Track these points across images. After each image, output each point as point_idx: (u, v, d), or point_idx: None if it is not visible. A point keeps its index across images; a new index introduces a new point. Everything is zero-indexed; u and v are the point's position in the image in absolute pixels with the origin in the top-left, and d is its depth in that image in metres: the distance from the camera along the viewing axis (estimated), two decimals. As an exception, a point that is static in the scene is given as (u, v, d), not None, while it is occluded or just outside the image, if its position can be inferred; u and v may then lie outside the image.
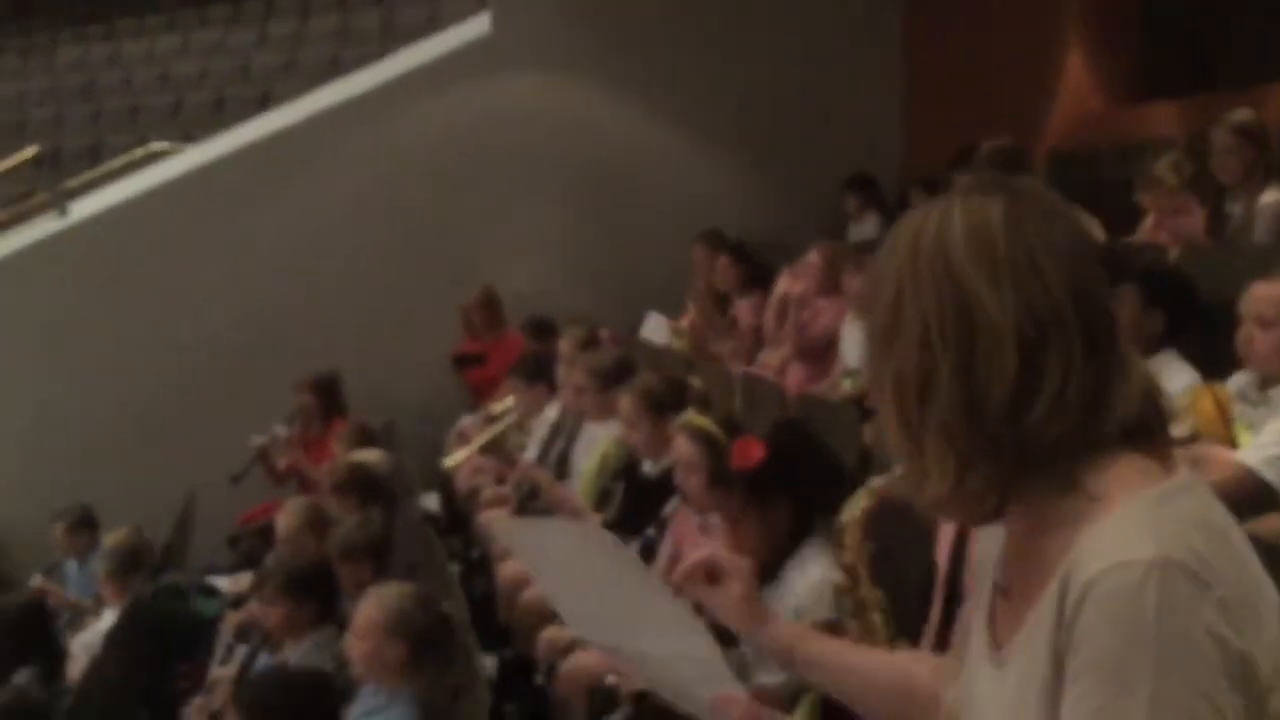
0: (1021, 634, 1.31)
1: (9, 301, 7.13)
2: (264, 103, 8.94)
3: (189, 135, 8.37)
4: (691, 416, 3.80)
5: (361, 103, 7.73)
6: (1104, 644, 1.20)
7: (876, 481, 2.17)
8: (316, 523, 4.75)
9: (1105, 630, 1.20)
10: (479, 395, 7.38)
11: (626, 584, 1.51)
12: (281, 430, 6.72)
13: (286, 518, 4.85)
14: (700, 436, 3.80)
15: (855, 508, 2.14)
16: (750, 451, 3.22)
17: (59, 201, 7.44)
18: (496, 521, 4.83)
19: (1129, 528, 1.23)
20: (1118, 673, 1.20)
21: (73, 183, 7.85)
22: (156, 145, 8.21)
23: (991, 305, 1.25)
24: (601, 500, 4.72)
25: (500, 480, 6.00)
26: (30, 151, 7.94)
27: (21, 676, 4.90)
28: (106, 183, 7.85)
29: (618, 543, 1.56)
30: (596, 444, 5.04)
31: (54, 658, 5.21)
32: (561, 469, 5.34)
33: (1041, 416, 1.25)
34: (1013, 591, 1.37)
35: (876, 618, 2.14)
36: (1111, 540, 1.23)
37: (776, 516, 3.19)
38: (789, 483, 3.19)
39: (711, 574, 1.60)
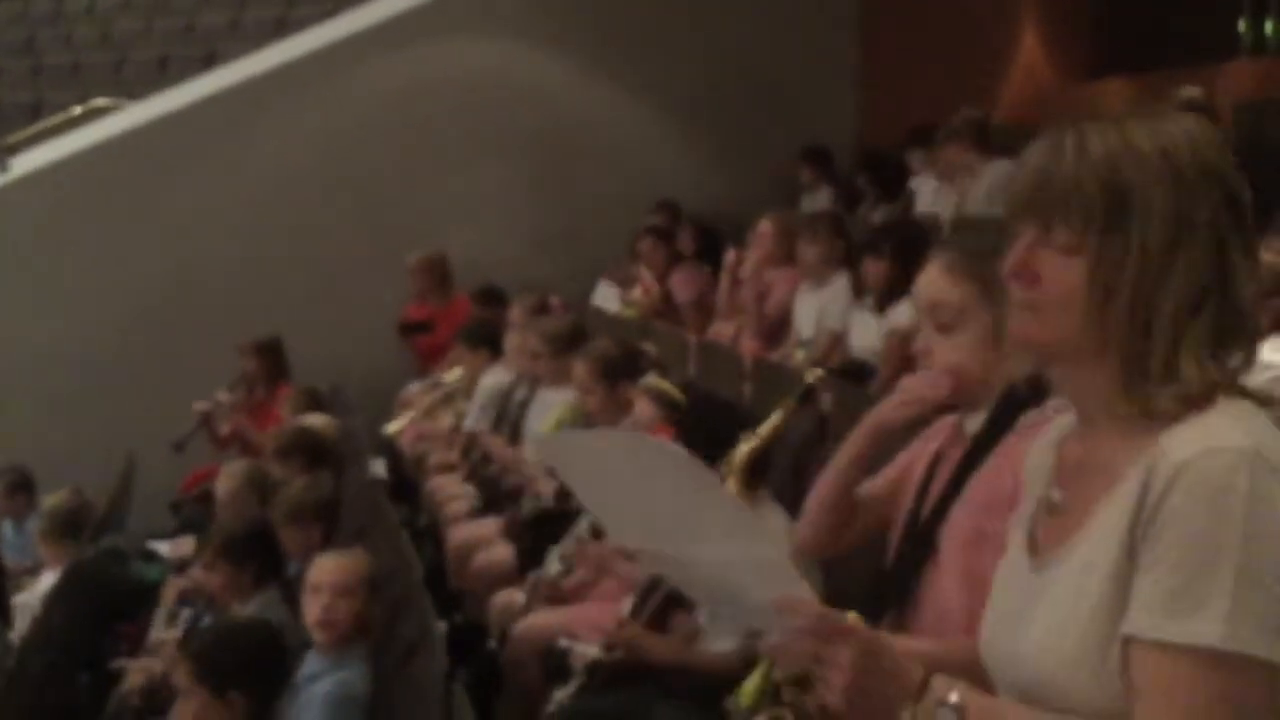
0: (1081, 535, 1.34)
1: (-55, 257, 6.97)
2: (209, 62, 8.76)
3: (132, 94, 8.19)
4: (653, 379, 3.79)
5: (308, 63, 7.62)
6: (1193, 525, 1.24)
7: (763, 429, 2.37)
8: (256, 484, 4.68)
9: (1195, 511, 1.24)
10: (427, 361, 7.31)
11: (682, 490, 1.46)
12: (224, 396, 6.63)
13: (226, 481, 4.78)
14: (662, 399, 3.80)
15: (739, 455, 2.38)
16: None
17: (0, 157, 7.26)
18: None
19: (1222, 420, 1.28)
20: (1203, 551, 1.23)
21: (13, 138, 7.66)
22: (99, 102, 8.03)
23: (1246, 207, 1.33)
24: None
25: (448, 446, 5.97)
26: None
27: (-19, 633, 4.81)
28: (48, 138, 7.67)
29: (675, 448, 1.52)
30: (552, 410, 5.01)
31: (5, 617, 5.11)
32: (515, 435, 5.31)
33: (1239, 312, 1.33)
34: (1066, 504, 1.40)
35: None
36: (1204, 430, 1.27)
37: None
38: (710, 452, 3.18)
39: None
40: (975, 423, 2.16)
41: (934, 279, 2.18)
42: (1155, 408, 1.31)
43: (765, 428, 2.19)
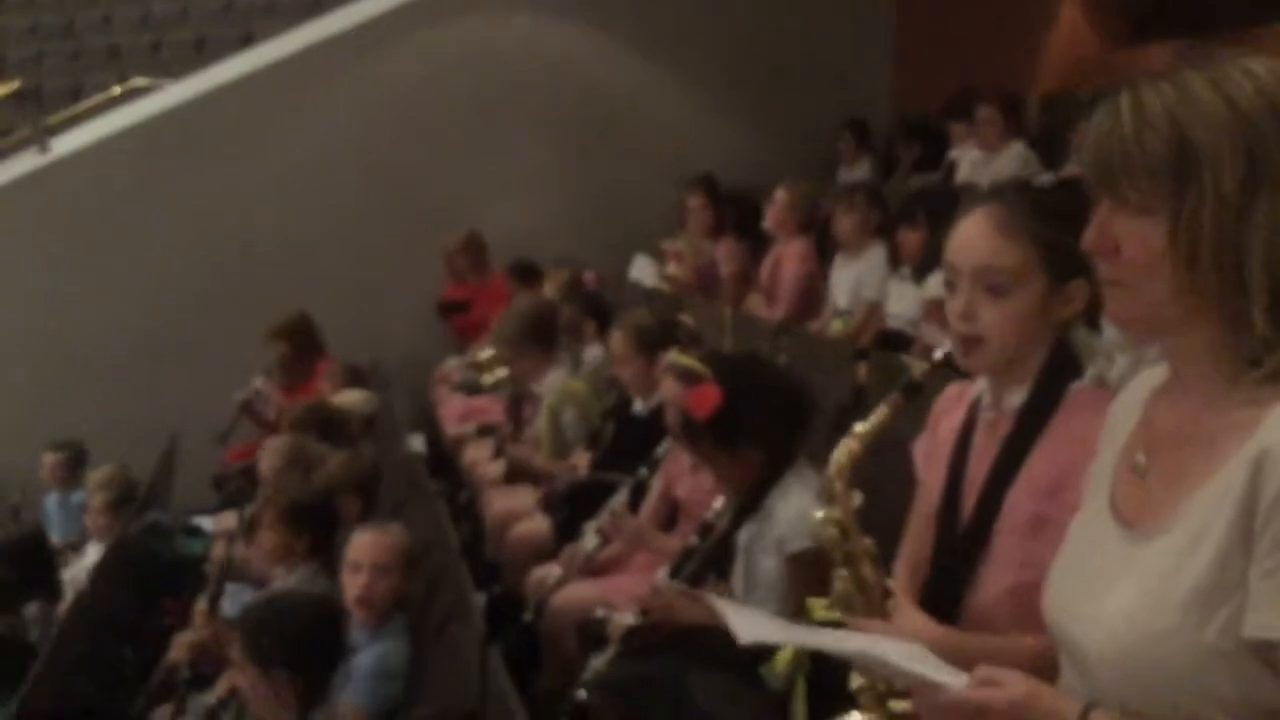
0: (1184, 510, 1.31)
1: (-12, 236, 7.05)
2: (246, 42, 8.80)
3: (170, 75, 8.24)
4: (676, 355, 3.78)
5: (344, 40, 7.63)
6: None
7: (860, 427, 2.07)
8: (299, 460, 4.71)
9: None
10: (465, 338, 7.33)
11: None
12: (260, 382, 6.66)
13: (269, 457, 4.81)
14: (686, 375, 3.77)
15: (840, 457, 2.05)
16: (706, 401, 3.17)
17: (40, 138, 7.33)
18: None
19: None
20: None
21: (54, 119, 7.73)
22: (138, 81, 8.08)
23: None
24: (592, 439, 4.70)
25: (484, 431, 5.95)
26: (12, 85, 7.81)
27: (31, 611, 4.88)
28: (87, 119, 7.73)
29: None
30: (544, 400, 5.08)
31: (55, 589, 5.19)
32: (518, 425, 5.34)
33: None
34: (1155, 470, 1.38)
35: (868, 568, 2.06)
36: None
37: (747, 454, 3.17)
38: (752, 422, 3.15)
39: None
40: (1017, 396, 2.03)
41: (986, 237, 2.00)
42: (1272, 369, 1.28)
43: (866, 426, 2.02)
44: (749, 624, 1.67)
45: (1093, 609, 1.38)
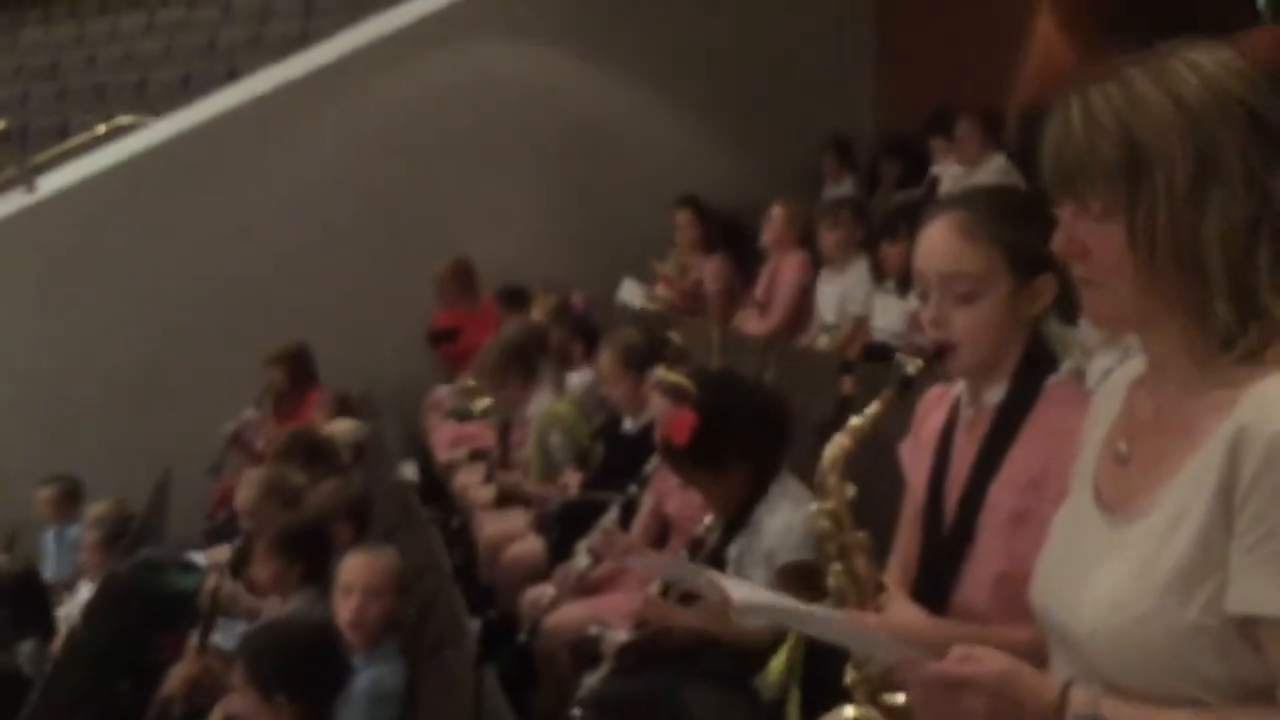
0: (1164, 492, 1.33)
1: (-22, 277, 7.06)
2: (231, 78, 8.82)
3: (156, 113, 8.28)
4: (663, 373, 3.79)
5: (329, 73, 7.67)
6: None
7: (855, 421, 2.05)
8: (277, 491, 4.69)
9: None
10: (455, 367, 7.34)
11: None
12: (251, 414, 6.67)
13: (245, 490, 4.79)
14: (673, 392, 3.79)
15: (834, 451, 2.04)
16: (682, 426, 3.19)
17: (27, 177, 7.35)
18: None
19: None
20: None
21: (40, 158, 7.75)
22: (123, 119, 8.11)
23: (1271, 113, 1.31)
24: (582, 459, 4.71)
25: (476, 456, 5.95)
26: (-2, 124, 7.85)
27: (26, 648, 4.86)
28: (74, 157, 7.76)
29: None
30: (530, 426, 5.09)
31: (49, 627, 5.17)
32: (505, 451, 5.36)
33: None
34: (1136, 456, 1.40)
35: (860, 561, 2.06)
36: None
37: (731, 473, 3.19)
38: (732, 441, 3.17)
39: None
40: (995, 394, 2.06)
41: (949, 244, 2.03)
42: (1244, 351, 1.30)
43: (859, 421, 2.00)
44: (743, 590, 1.73)
45: (1078, 594, 1.39)
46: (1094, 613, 1.36)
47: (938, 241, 2.05)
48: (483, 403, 5.94)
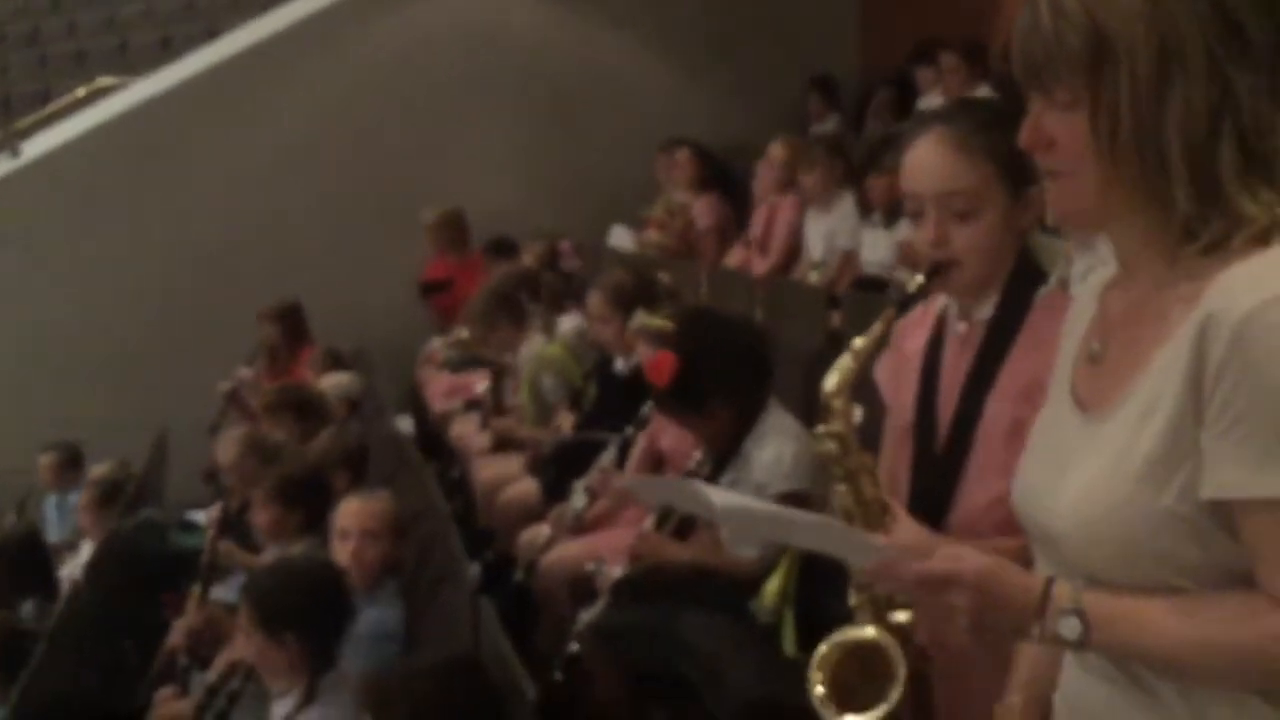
0: (1135, 385, 1.34)
1: (-35, 244, 7.04)
2: (211, 38, 8.76)
3: (137, 75, 8.22)
4: (642, 319, 3.79)
5: (312, 25, 7.62)
6: (1269, 380, 1.23)
7: (858, 342, 1.98)
8: (256, 449, 4.70)
9: (1270, 365, 1.23)
10: (447, 318, 7.34)
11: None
12: (245, 371, 6.68)
13: (225, 448, 4.80)
14: (654, 336, 3.79)
15: (839, 373, 1.98)
16: (662, 369, 3.19)
17: (10, 142, 7.32)
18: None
19: (1273, 265, 1.26)
20: None
21: (22, 123, 7.72)
22: (104, 81, 8.06)
23: (1252, 26, 1.29)
24: (575, 399, 4.73)
25: (471, 406, 5.97)
26: (-23, 91, 7.80)
27: (27, 609, 4.89)
28: (57, 121, 7.72)
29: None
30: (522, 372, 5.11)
31: (51, 589, 5.20)
32: (498, 398, 5.37)
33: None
34: (1109, 354, 1.41)
35: (867, 483, 1.99)
36: (1257, 278, 1.25)
37: (716, 408, 3.20)
38: (714, 377, 3.17)
39: None
40: (986, 308, 2.06)
41: (944, 162, 1.99)
42: (1208, 242, 1.30)
43: (862, 342, 1.94)
44: (728, 499, 1.72)
45: (1056, 492, 1.40)
46: (1070, 505, 1.37)
47: (930, 160, 2.01)
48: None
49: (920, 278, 2.01)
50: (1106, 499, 1.33)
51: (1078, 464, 1.38)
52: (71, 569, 5.46)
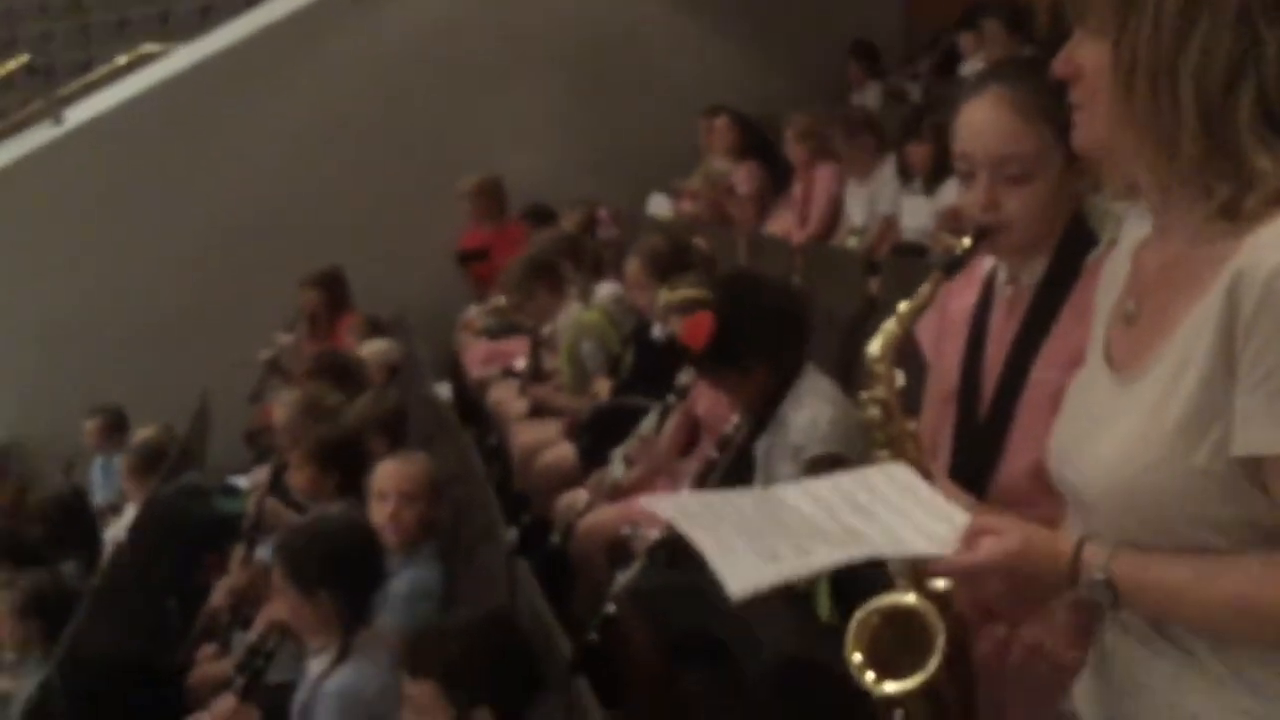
0: (1168, 345, 1.32)
1: (11, 211, 7.12)
2: (251, 6, 8.80)
3: (178, 43, 8.28)
4: (666, 294, 3.78)
5: (349, -6, 7.64)
6: None
7: (903, 307, 1.96)
8: (313, 409, 4.74)
9: None
10: (484, 286, 7.35)
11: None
12: (285, 339, 6.73)
13: (282, 409, 4.84)
14: (685, 307, 3.77)
15: (883, 338, 1.95)
16: (699, 330, 3.16)
17: (53, 109, 7.39)
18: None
19: None
20: None
21: (65, 90, 7.78)
22: (147, 47, 8.12)
23: None
24: (613, 365, 4.73)
25: (508, 372, 5.99)
26: (23, 59, 7.86)
27: (69, 568, 4.96)
28: (99, 88, 7.78)
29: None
30: (559, 336, 5.10)
31: (95, 549, 5.27)
32: (537, 364, 5.38)
33: None
34: (1143, 315, 1.39)
35: (911, 448, 1.97)
36: None
37: (755, 371, 3.18)
38: (752, 338, 3.15)
39: None
40: (1034, 272, 2.01)
41: (1002, 123, 1.93)
42: (1223, 201, 1.28)
43: (908, 305, 1.92)
44: (740, 570, 1.60)
45: (1088, 450, 1.40)
46: (1104, 466, 1.36)
47: (987, 121, 1.95)
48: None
49: (967, 240, 1.97)
50: (1139, 458, 1.32)
51: (1110, 425, 1.37)
52: (115, 531, 5.53)
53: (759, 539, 1.57)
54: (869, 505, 1.57)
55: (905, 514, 1.56)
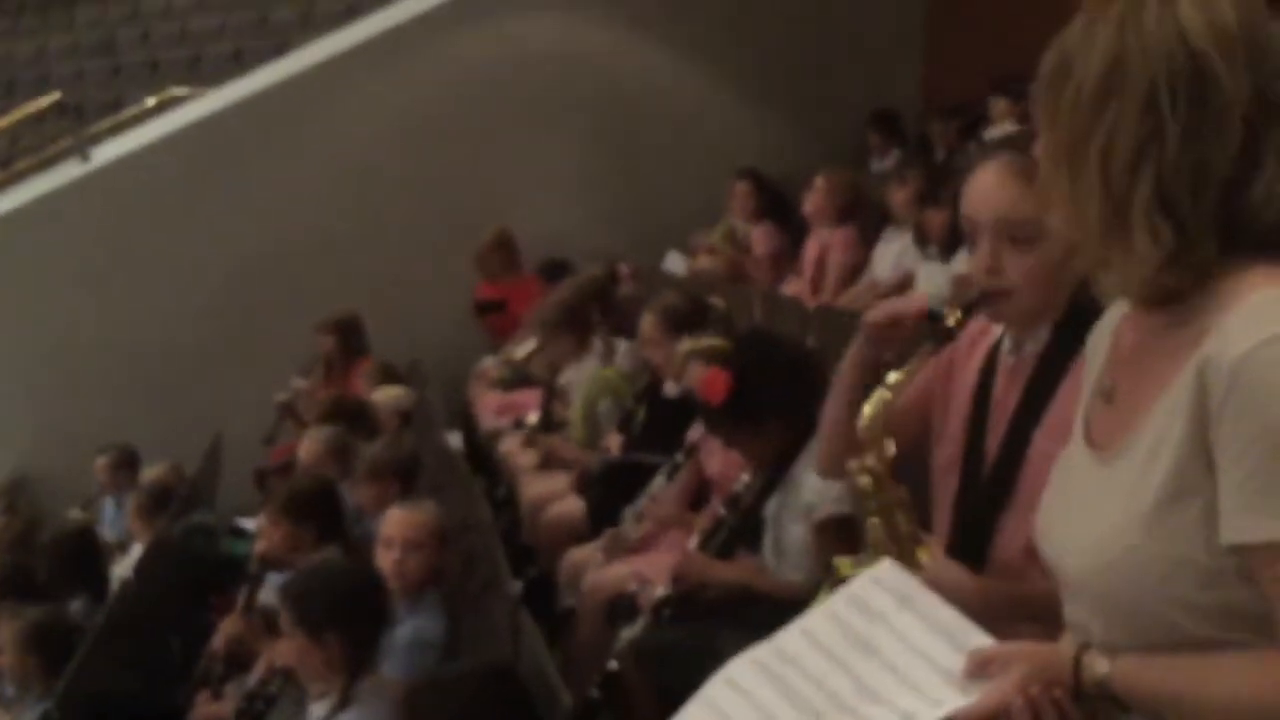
0: (1144, 428, 1.33)
1: (34, 246, 7.19)
2: (280, 53, 8.91)
3: (207, 87, 8.38)
4: (693, 343, 3.80)
5: (377, 45, 7.73)
6: (1265, 419, 1.22)
7: (893, 376, 2.00)
8: (339, 450, 4.77)
9: (1266, 405, 1.22)
10: (499, 337, 7.38)
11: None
12: (300, 383, 6.76)
13: (309, 445, 4.87)
14: (707, 356, 3.78)
15: (874, 406, 1.99)
16: (716, 387, 3.18)
17: (81, 147, 7.47)
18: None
19: (1272, 307, 1.25)
20: None
21: (94, 129, 7.88)
22: (175, 91, 8.22)
23: (1225, 77, 1.27)
24: (624, 422, 4.73)
25: (519, 424, 5.98)
26: (53, 96, 7.97)
27: (76, 605, 4.95)
28: (128, 129, 7.88)
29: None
30: (576, 387, 5.12)
31: (103, 587, 5.26)
32: (549, 413, 5.37)
33: (1257, 199, 1.28)
34: (1119, 393, 1.40)
35: (901, 517, 2.03)
36: (1257, 320, 1.25)
37: (769, 430, 3.19)
38: (767, 396, 3.16)
39: None
40: (1038, 341, 2.02)
41: (1007, 188, 1.96)
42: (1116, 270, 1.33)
43: (898, 376, 1.95)
44: None
45: (1068, 531, 1.41)
46: (1084, 550, 1.37)
47: (993, 186, 1.98)
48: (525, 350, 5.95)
49: (959, 312, 1.98)
50: (1117, 544, 1.33)
51: (1088, 506, 1.38)
52: (123, 569, 5.53)
53: None
54: (870, 637, 1.54)
55: (908, 641, 1.53)
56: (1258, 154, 1.28)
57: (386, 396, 5.89)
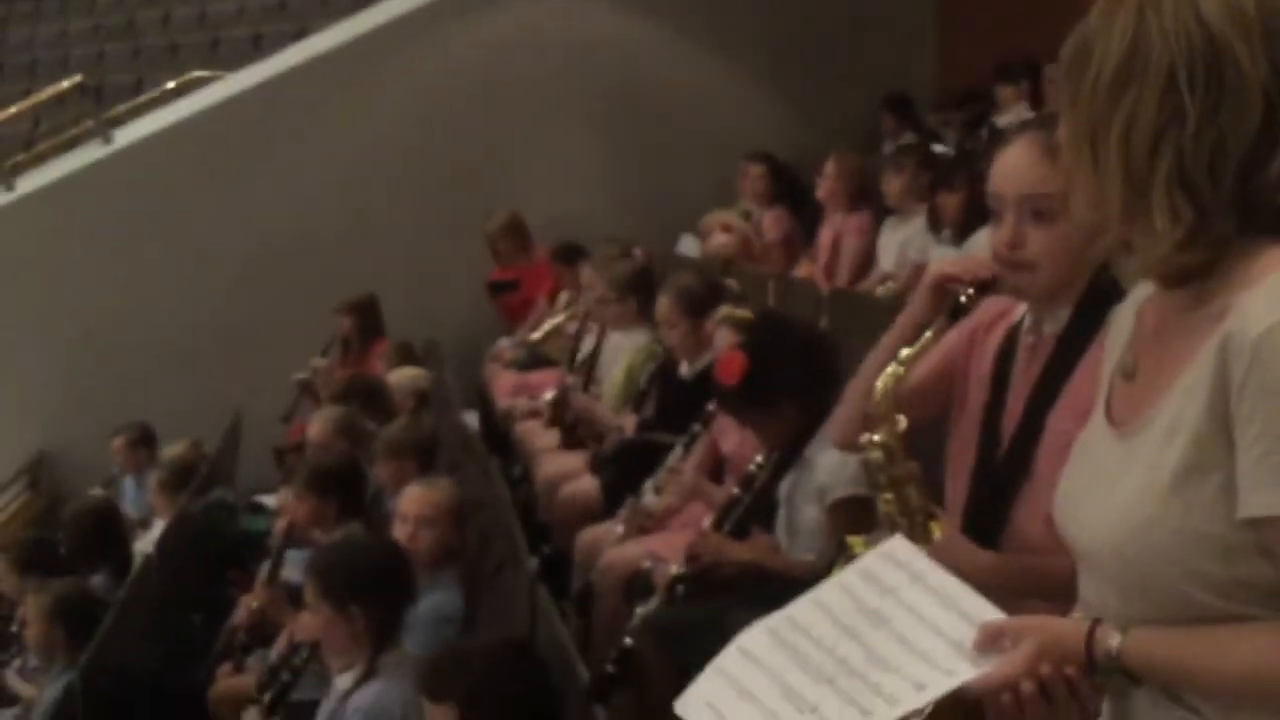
0: (1164, 404, 1.35)
1: (55, 227, 7.25)
2: (300, 37, 8.94)
3: (228, 70, 8.43)
4: (725, 309, 3.84)
5: (395, 29, 7.76)
6: None
7: (906, 351, 2.03)
8: (348, 430, 4.81)
9: None
10: (513, 319, 7.43)
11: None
12: (319, 362, 6.83)
13: (318, 424, 4.92)
14: (741, 327, 3.82)
15: (886, 381, 2.02)
16: (731, 368, 3.22)
17: (103, 129, 7.53)
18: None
19: None
20: None
21: (115, 111, 7.94)
22: (196, 73, 8.27)
23: (1244, 58, 1.29)
24: (638, 402, 4.78)
25: (534, 398, 6.03)
26: (75, 79, 8.02)
27: (98, 580, 5.02)
28: (148, 111, 7.93)
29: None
30: (622, 353, 5.10)
31: (125, 562, 5.34)
32: (588, 378, 5.40)
33: (1275, 178, 1.30)
34: (1140, 371, 1.43)
35: (912, 492, 2.05)
36: (1278, 297, 1.27)
37: (783, 410, 3.23)
38: (782, 377, 3.20)
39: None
40: (1057, 322, 2.05)
41: (1033, 164, 1.99)
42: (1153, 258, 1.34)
43: (911, 351, 1.98)
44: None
45: (1088, 506, 1.43)
46: (1103, 525, 1.39)
47: (1018, 162, 2.02)
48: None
49: (971, 290, 2.01)
50: (1136, 518, 1.34)
51: (1109, 482, 1.40)
52: (144, 545, 5.61)
53: (795, 699, 1.52)
54: (881, 609, 1.55)
55: (919, 613, 1.53)
56: (1276, 134, 1.30)
57: (403, 377, 5.94)
